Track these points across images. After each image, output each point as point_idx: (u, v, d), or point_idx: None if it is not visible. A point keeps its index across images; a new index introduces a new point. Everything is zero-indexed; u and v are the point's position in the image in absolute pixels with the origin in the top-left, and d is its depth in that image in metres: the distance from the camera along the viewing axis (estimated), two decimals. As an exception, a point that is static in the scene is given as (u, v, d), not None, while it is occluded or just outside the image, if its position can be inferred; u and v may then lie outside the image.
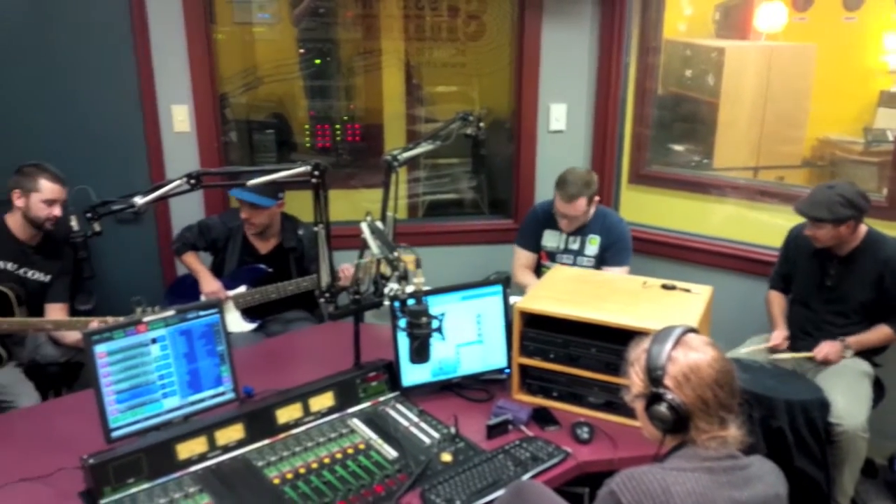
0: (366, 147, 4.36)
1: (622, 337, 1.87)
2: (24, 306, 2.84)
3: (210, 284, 3.05)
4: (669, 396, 1.48)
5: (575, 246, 3.21)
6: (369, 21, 4.23)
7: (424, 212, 4.39)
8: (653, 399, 1.50)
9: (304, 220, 3.26)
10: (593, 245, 3.18)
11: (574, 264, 3.18)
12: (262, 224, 3.08)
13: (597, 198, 3.15)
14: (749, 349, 2.92)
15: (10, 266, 2.86)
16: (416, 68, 4.39)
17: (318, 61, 4.28)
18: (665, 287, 2.38)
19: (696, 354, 1.50)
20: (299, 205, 3.17)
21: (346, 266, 2.87)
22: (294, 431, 2.08)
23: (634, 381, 1.57)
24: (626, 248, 3.18)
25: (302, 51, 4.27)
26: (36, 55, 3.29)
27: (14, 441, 2.11)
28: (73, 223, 2.19)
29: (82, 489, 1.82)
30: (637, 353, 1.58)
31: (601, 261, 3.17)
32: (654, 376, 1.50)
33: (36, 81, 3.31)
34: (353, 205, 3.84)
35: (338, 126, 4.33)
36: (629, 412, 1.68)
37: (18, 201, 2.83)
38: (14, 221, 2.88)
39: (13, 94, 3.31)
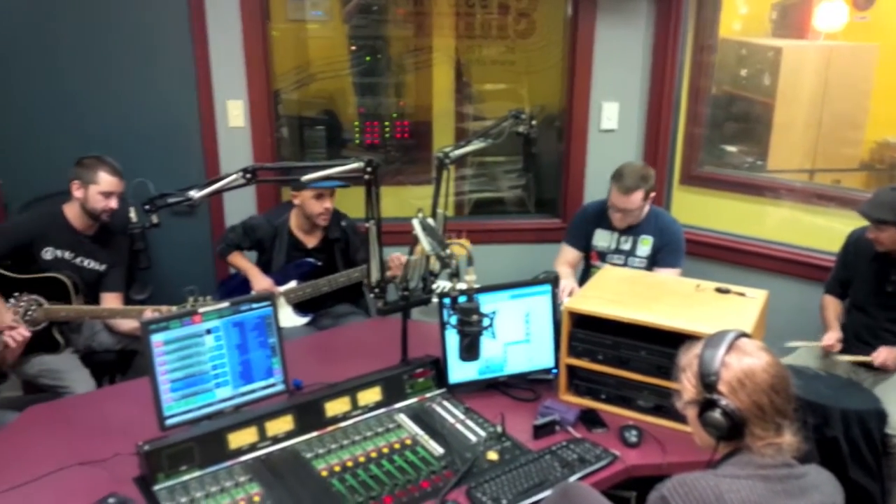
0: (414, 144, 4.38)
1: (674, 340, 1.83)
2: (80, 294, 2.91)
3: (262, 282, 3.08)
4: (724, 402, 1.45)
5: (627, 246, 3.17)
6: (420, 18, 4.24)
7: (470, 210, 4.39)
8: (706, 405, 1.48)
9: (351, 215, 3.29)
10: (645, 246, 3.14)
11: (625, 265, 3.14)
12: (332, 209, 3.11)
13: (653, 194, 3.10)
14: (798, 343, 2.84)
15: (67, 255, 2.94)
16: (466, 66, 4.39)
17: (368, 58, 4.31)
18: (719, 290, 2.34)
19: (751, 359, 1.47)
20: (344, 200, 3.21)
21: (397, 255, 2.89)
22: (342, 425, 2.10)
23: (686, 387, 1.55)
24: (679, 249, 3.13)
25: (353, 48, 4.30)
26: (100, 52, 3.39)
27: (72, 426, 2.17)
28: (132, 215, 2.24)
29: (137, 475, 1.87)
30: (689, 359, 1.56)
31: (653, 262, 3.13)
32: (707, 382, 1.47)
33: (99, 77, 3.41)
34: (400, 201, 3.86)
35: (387, 123, 4.35)
36: (679, 417, 1.65)
37: (77, 192, 2.90)
38: (72, 211, 2.96)
39: (78, 89, 3.41)
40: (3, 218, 3.48)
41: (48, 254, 2.90)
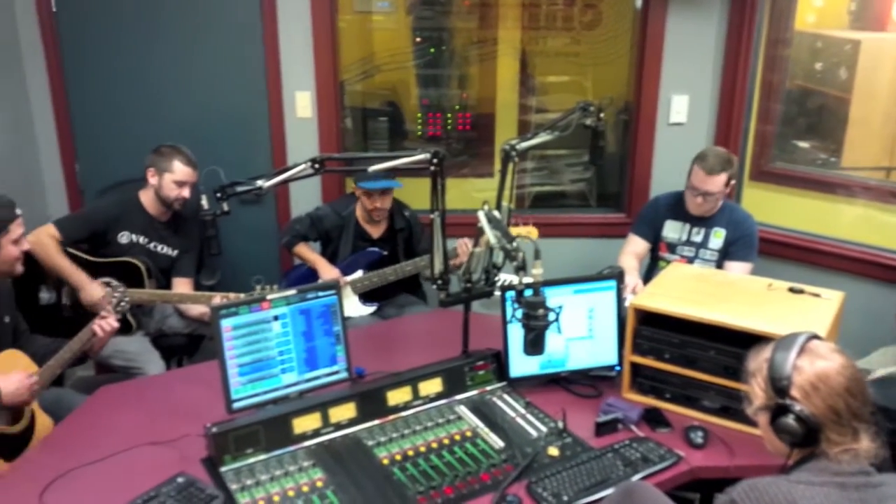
0: (476, 136, 4.37)
1: (744, 341, 1.79)
2: (153, 279, 3.00)
3: (329, 272, 3.11)
4: (797, 408, 1.40)
5: (698, 238, 3.10)
6: (485, 10, 4.21)
7: (530, 203, 4.36)
8: (779, 411, 1.43)
9: (414, 207, 3.31)
10: (718, 238, 3.07)
11: (695, 257, 3.09)
12: (388, 208, 3.14)
13: (733, 182, 3.03)
14: (884, 373, 2.69)
15: (141, 240, 3.04)
16: (530, 57, 4.35)
17: (432, 50, 4.31)
18: (792, 290, 2.26)
19: (824, 362, 1.42)
20: (407, 192, 3.22)
21: (464, 240, 2.89)
22: (403, 414, 2.11)
23: (757, 392, 1.50)
24: (752, 244, 3.05)
25: (417, 39, 4.31)
26: (178, 44, 3.49)
27: (144, 406, 2.24)
28: (204, 202, 2.29)
29: (204, 456, 1.92)
30: (758, 363, 1.51)
31: (724, 255, 3.05)
32: (778, 387, 1.43)
33: (176, 67, 3.51)
34: (462, 193, 3.86)
35: (449, 115, 4.35)
36: (747, 419, 1.60)
37: (152, 179, 2.99)
38: (147, 198, 3.05)
39: (155, 79, 3.52)
40: (80, 203, 3.62)
41: (124, 238, 3.00)
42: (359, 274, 3.13)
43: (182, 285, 3.12)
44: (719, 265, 3.07)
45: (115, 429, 2.09)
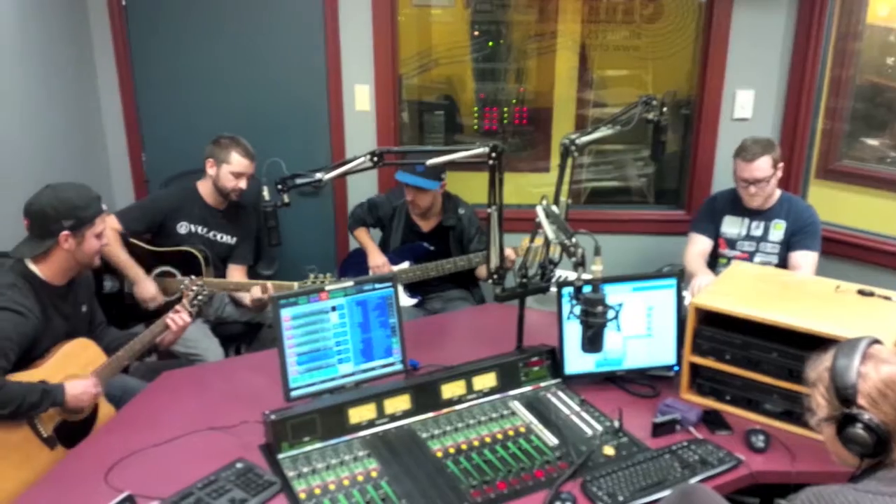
0: (532, 131, 4.33)
1: (809, 343, 1.74)
2: (210, 267, 3.06)
3: (376, 258, 3.16)
4: (866, 417, 1.35)
5: (758, 232, 3.04)
6: (545, 3, 4.17)
7: (585, 199, 4.30)
8: (846, 421, 1.38)
9: (467, 201, 3.30)
10: (778, 230, 2.99)
11: (756, 251, 3.03)
12: (425, 206, 3.14)
13: (781, 164, 2.96)
14: None
15: (200, 229, 3.10)
16: (589, 51, 4.29)
17: (491, 43, 4.29)
18: (861, 293, 2.18)
19: (890, 367, 1.37)
20: (462, 185, 3.22)
21: (511, 250, 2.87)
22: (457, 408, 2.12)
23: (820, 402, 1.44)
24: (816, 232, 2.97)
25: (476, 33, 4.29)
26: (242, 37, 3.56)
27: (204, 392, 2.29)
28: (265, 193, 2.32)
29: (262, 442, 1.95)
30: (819, 372, 1.45)
31: (787, 248, 2.98)
32: (843, 396, 1.37)
33: (239, 61, 3.59)
34: (517, 188, 3.83)
35: (505, 109, 4.32)
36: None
37: (210, 169, 3.05)
38: (205, 188, 3.11)
39: (219, 72, 3.61)
40: (146, 193, 3.72)
41: (183, 228, 3.07)
42: (405, 265, 3.15)
43: (236, 272, 3.17)
44: (782, 259, 2.99)
45: (176, 413, 2.14)
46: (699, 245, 3.14)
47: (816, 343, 1.56)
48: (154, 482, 1.78)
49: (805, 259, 2.92)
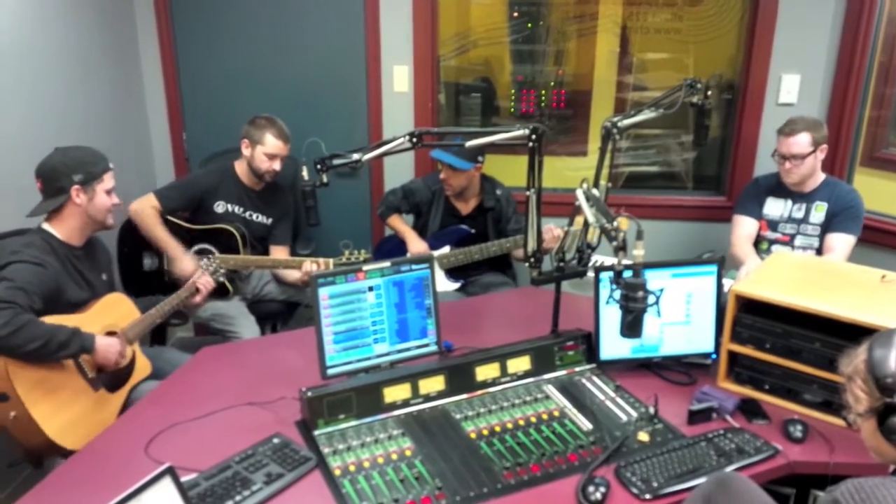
0: (570, 114, 4.28)
1: (852, 333, 1.70)
2: (247, 246, 3.11)
3: (417, 245, 3.16)
4: None
5: (799, 214, 3.01)
6: (586, -16, 4.11)
7: (623, 183, 4.25)
8: (886, 412, 1.35)
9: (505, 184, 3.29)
10: (819, 212, 2.96)
11: (797, 233, 3.00)
12: (459, 186, 3.13)
13: (824, 147, 2.93)
14: None
15: (237, 209, 3.14)
16: (629, 34, 4.22)
17: (530, 25, 4.24)
18: (907, 283, 2.13)
19: None
20: (499, 168, 3.20)
21: (550, 227, 2.86)
22: (491, 390, 2.12)
23: (859, 395, 1.41)
24: (857, 216, 2.93)
25: (515, 14, 4.25)
26: (279, 19, 3.58)
27: (243, 368, 2.33)
28: (304, 173, 2.34)
29: (298, 419, 1.98)
30: (855, 366, 1.42)
31: (826, 229, 2.95)
32: (884, 385, 1.34)
33: (279, 42, 3.61)
34: (554, 172, 3.80)
35: (543, 92, 4.28)
36: (851, 414, 1.52)
37: (246, 150, 3.08)
38: (241, 168, 3.14)
39: (259, 53, 3.63)
40: (186, 171, 3.77)
41: (220, 207, 3.11)
42: (446, 250, 3.14)
43: (278, 253, 3.21)
44: (822, 242, 2.94)
45: (215, 388, 2.18)
46: (745, 227, 3.11)
47: (859, 333, 1.52)
48: (193, 455, 1.81)
49: (839, 241, 2.88)
